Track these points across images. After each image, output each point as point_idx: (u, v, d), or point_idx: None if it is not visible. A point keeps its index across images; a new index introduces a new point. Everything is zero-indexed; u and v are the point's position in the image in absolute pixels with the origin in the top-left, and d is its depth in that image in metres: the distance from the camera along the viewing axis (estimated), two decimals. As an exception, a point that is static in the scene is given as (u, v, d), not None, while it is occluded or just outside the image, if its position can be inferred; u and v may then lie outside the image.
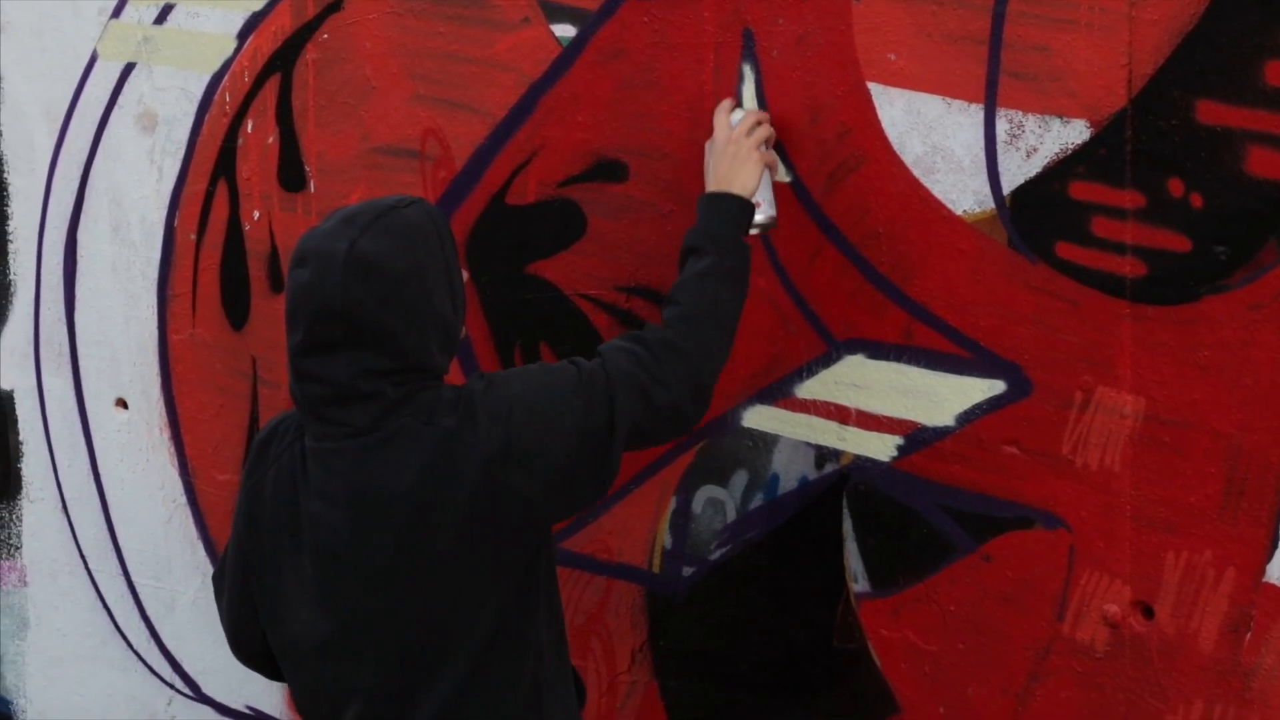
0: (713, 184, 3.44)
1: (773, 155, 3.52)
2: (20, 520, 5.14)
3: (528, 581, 3.11)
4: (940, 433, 3.49)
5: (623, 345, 3.22)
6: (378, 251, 3.02)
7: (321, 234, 3.08)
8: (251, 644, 3.36)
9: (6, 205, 4.97)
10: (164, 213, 4.63)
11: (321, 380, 3.05)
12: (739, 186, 3.40)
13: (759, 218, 3.43)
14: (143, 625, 4.95)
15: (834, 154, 3.52)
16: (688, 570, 3.88)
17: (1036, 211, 3.31)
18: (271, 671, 3.37)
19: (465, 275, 3.21)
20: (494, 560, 3.06)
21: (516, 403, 3.06)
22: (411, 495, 3.02)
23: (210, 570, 4.71)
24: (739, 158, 3.42)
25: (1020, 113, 3.30)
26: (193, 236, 4.59)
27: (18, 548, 5.16)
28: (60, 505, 5.04)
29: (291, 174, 4.36)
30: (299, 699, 3.29)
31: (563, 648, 3.24)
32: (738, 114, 3.53)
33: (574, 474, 3.10)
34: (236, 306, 4.54)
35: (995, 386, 3.41)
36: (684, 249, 3.38)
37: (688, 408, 3.24)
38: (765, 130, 3.50)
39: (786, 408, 3.68)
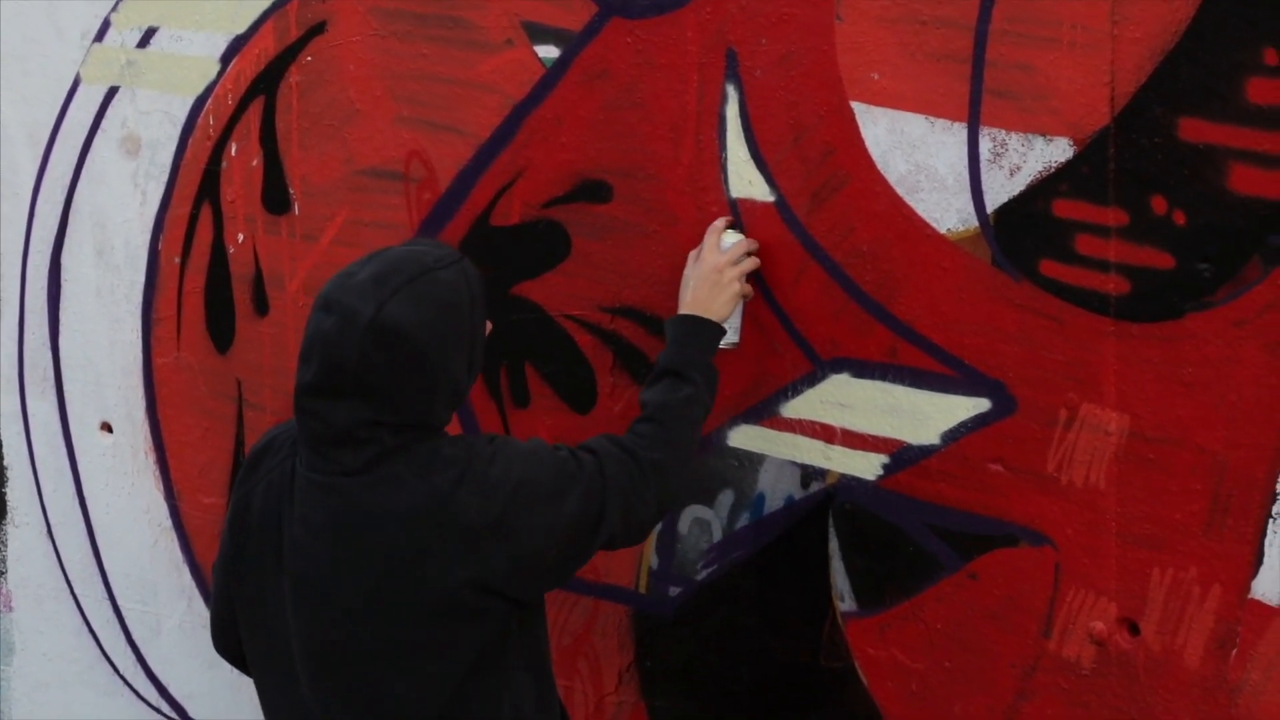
0: (690, 305, 3.50)
1: (748, 287, 3.58)
2: (5, 545, 5.12)
3: (503, 639, 3.10)
4: (926, 451, 3.49)
5: (618, 454, 3.22)
6: (404, 319, 2.99)
7: (353, 287, 3.03)
8: (231, 645, 3.39)
9: (-10, 229, 4.97)
10: (148, 236, 4.62)
11: (323, 420, 3.04)
12: (714, 314, 3.49)
13: (723, 343, 3.51)
14: (129, 649, 4.93)
15: (818, 173, 3.53)
16: (674, 590, 3.88)
17: (1020, 229, 3.32)
18: (249, 671, 3.39)
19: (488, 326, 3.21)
20: (464, 618, 3.04)
21: (520, 485, 3.05)
22: (391, 544, 3.02)
23: (196, 594, 4.71)
24: (720, 285, 3.50)
25: (1003, 131, 3.31)
26: (177, 260, 4.58)
27: (3, 572, 5.15)
28: (45, 530, 5.03)
29: (276, 197, 4.36)
30: (265, 714, 3.30)
31: (547, 694, 3.24)
32: (729, 237, 3.56)
33: (550, 565, 3.11)
34: (221, 330, 4.53)
35: (980, 404, 3.41)
36: (661, 368, 3.42)
37: (651, 525, 3.29)
38: (751, 263, 3.56)
39: (772, 427, 3.69)
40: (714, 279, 3.50)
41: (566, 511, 3.09)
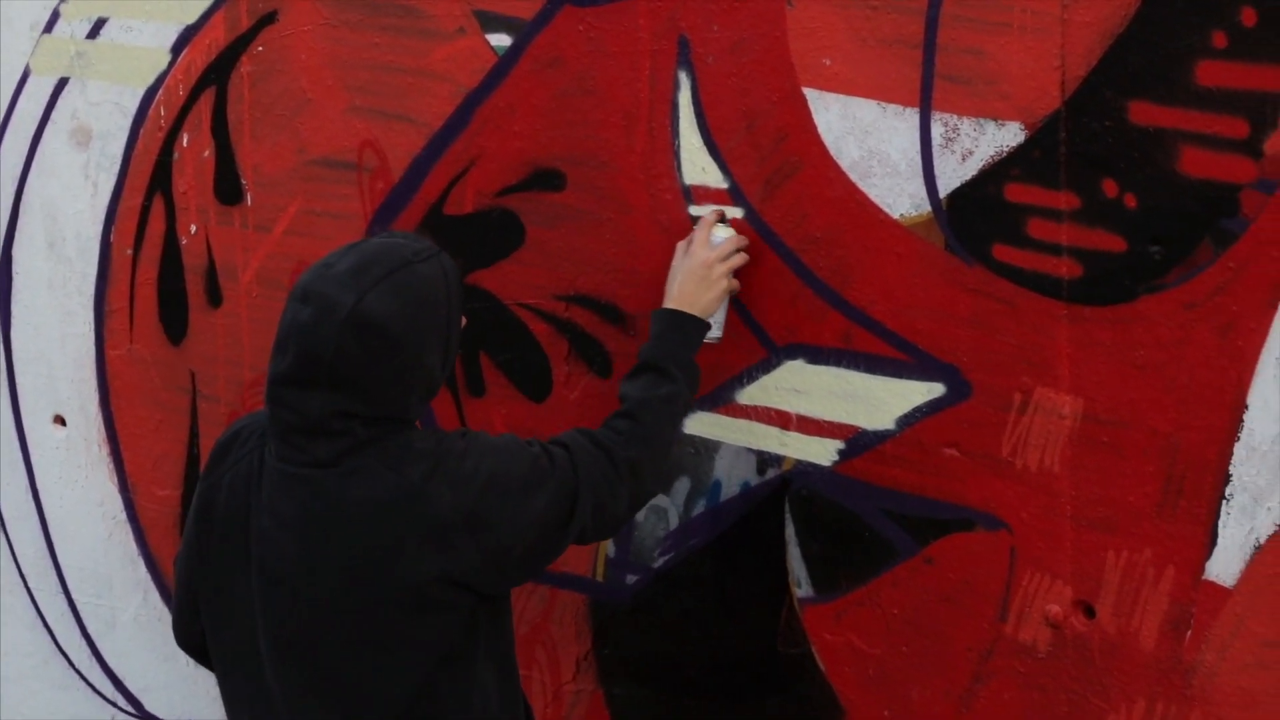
0: (676, 299, 3.48)
1: (736, 283, 3.56)
2: (-42, 540, 5.10)
3: (470, 632, 3.10)
4: (881, 436, 3.50)
5: (592, 450, 3.22)
6: (382, 312, 2.98)
7: (332, 279, 3.02)
8: (193, 636, 3.36)
9: (-60, 222, 4.94)
10: (100, 228, 4.60)
11: (296, 410, 3.03)
12: (700, 309, 3.47)
13: (707, 337, 3.50)
14: (84, 643, 4.92)
15: (770, 159, 3.53)
16: (631, 578, 3.88)
17: (973, 214, 3.33)
18: (210, 665, 3.37)
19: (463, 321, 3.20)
20: (432, 610, 3.04)
21: (492, 479, 3.05)
22: (361, 537, 3.01)
23: (151, 587, 4.69)
24: (708, 282, 3.48)
25: (955, 116, 3.32)
26: (129, 251, 4.56)
27: (-44, 567, 5.13)
28: (-1, 524, 5.02)
29: (228, 187, 4.34)
30: (226, 706, 3.29)
31: (512, 688, 3.24)
32: (720, 232, 3.54)
33: (520, 559, 3.10)
34: (174, 321, 4.52)
35: (935, 389, 3.42)
36: (644, 362, 3.41)
37: (623, 521, 3.31)
38: (739, 260, 3.54)
39: (728, 414, 3.69)
40: (702, 274, 3.49)
41: (537, 506, 3.08)
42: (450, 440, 3.09)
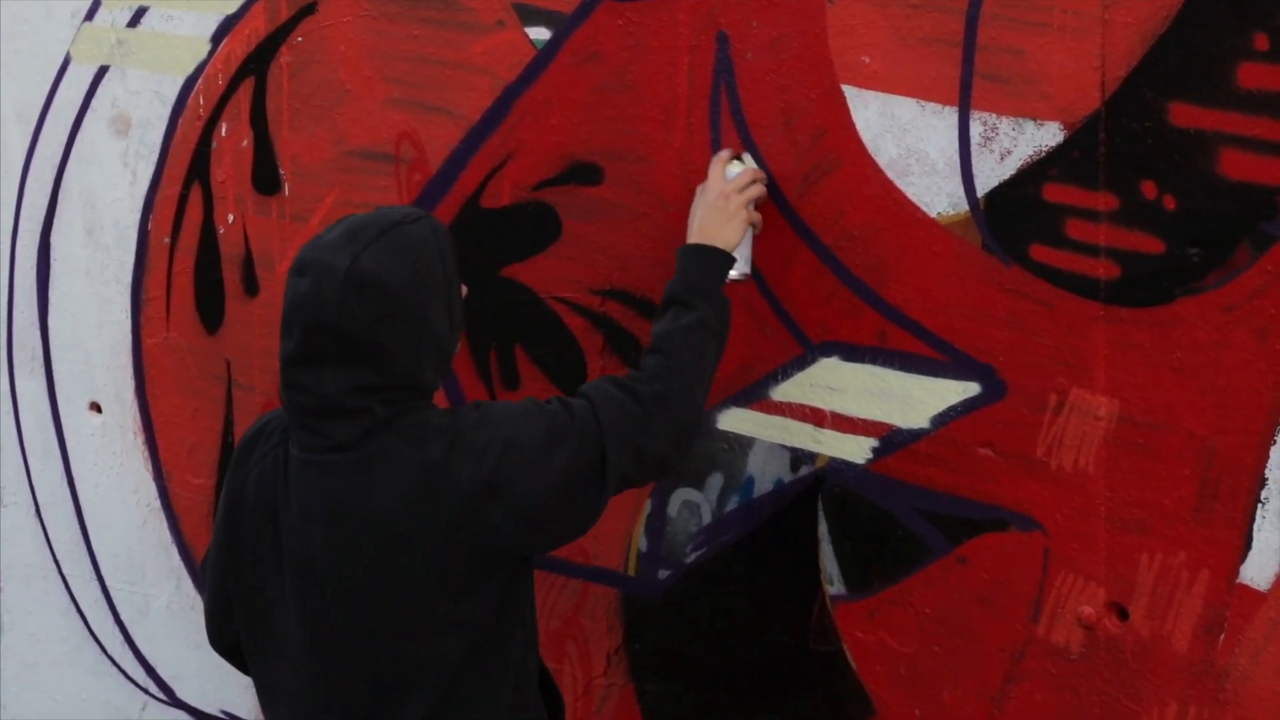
0: (696, 234, 3.46)
1: (758, 215, 3.53)
2: (-6, 525, 5.13)
3: (502, 610, 3.10)
4: (915, 435, 3.49)
5: (614, 393, 3.20)
6: (379, 268, 2.99)
7: (324, 245, 3.04)
8: (227, 638, 3.36)
9: (-21, 209, 4.96)
10: (138, 216, 4.62)
11: (310, 391, 3.03)
12: (722, 241, 3.43)
13: (733, 273, 3.46)
14: (116, 630, 4.93)
15: (808, 157, 3.53)
16: (663, 573, 3.88)
17: (1010, 214, 3.32)
18: (246, 667, 3.37)
19: (464, 290, 3.20)
20: (467, 591, 3.05)
21: (508, 445, 3.04)
22: (390, 520, 3.01)
23: (184, 575, 4.70)
24: (727, 212, 3.45)
25: (994, 115, 3.31)
26: (166, 240, 4.57)
27: (-9, 552, 5.15)
28: (34, 510, 5.03)
29: (266, 177, 4.35)
30: (263, 702, 3.29)
31: (536, 669, 3.24)
32: (734, 167, 3.53)
33: (555, 517, 3.10)
34: (211, 310, 4.53)
35: (970, 389, 3.41)
36: (667, 298, 3.38)
37: (673, 457, 3.25)
38: (757, 190, 3.52)
39: (762, 410, 3.69)
40: (720, 206, 3.46)
41: (560, 462, 3.07)
42: (464, 414, 3.09)
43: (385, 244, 3.02)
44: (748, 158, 3.57)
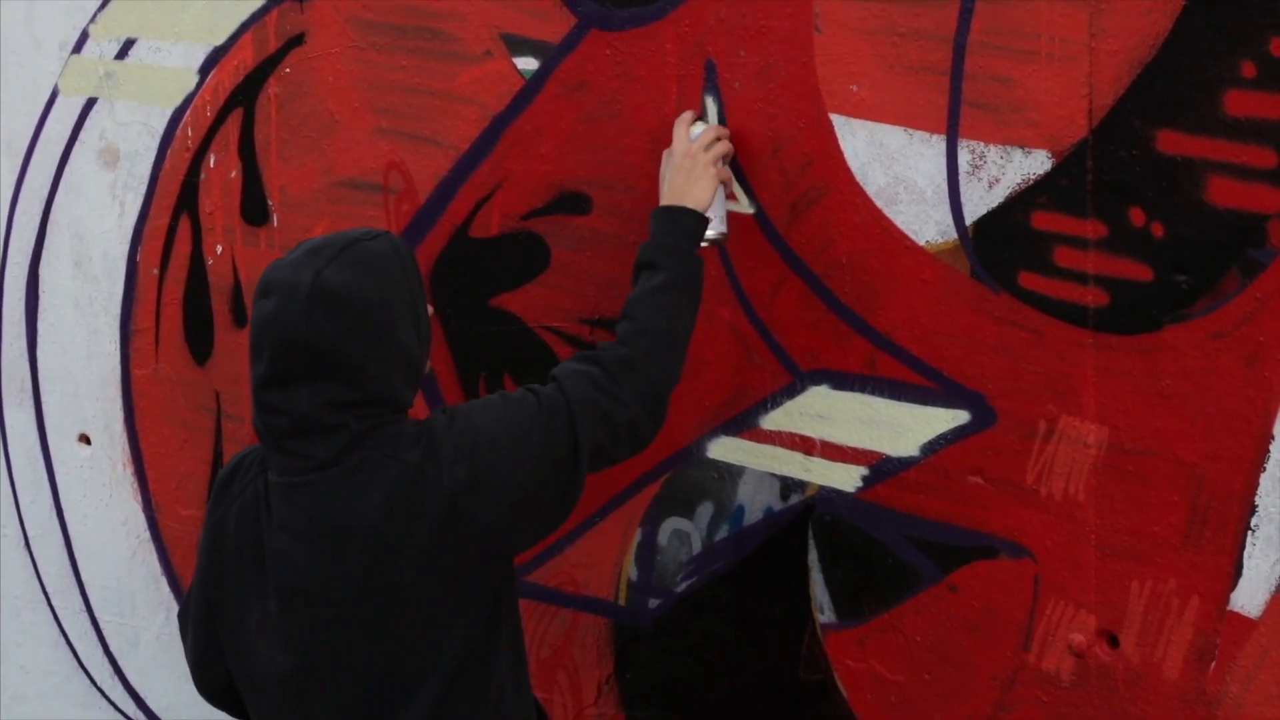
0: (667, 196, 3.45)
1: (727, 171, 3.53)
2: (-18, 557, 5.11)
3: (491, 617, 3.10)
4: (905, 463, 3.49)
5: (578, 368, 3.22)
6: (342, 282, 3.00)
7: (286, 265, 3.06)
8: (216, 681, 3.33)
9: (-32, 240, 4.96)
10: (126, 248, 4.62)
11: (284, 411, 3.03)
12: (693, 201, 3.41)
13: (710, 233, 3.44)
14: (106, 662, 4.92)
15: (797, 185, 3.53)
16: (654, 602, 3.88)
17: (999, 242, 3.32)
18: (237, 709, 3.35)
19: (430, 309, 3.20)
20: (457, 595, 3.05)
21: (480, 435, 3.05)
22: (375, 530, 3.01)
23: (174, 606, 4.69)
24: (694, 172, 3.44)
25: (982, 143, 3.31)
26: (155, 271, 4.57)
27: (-20, 585, 5.14)
28: (23, 541, 5.02)
29: (254, 208, 4.35)
30: None
31: (524, 681, 3.23)
32: (698, 127, 3.53)
33: (538, 501, 3.10)
34: (200, 341, 4.52)
35: (959, 416, 3.41)
36: (638, 263, 3.38)
37: (645, 424, 3.24)
38: (724, 146, 3.51)
39: (752, 439, 3.68)
40: (688, 165, 3.44)
41: (535, 445, 3.07)
42: (434, 418, 3.09)
43: (346, 259, 3.03)
44: (712, 114, 3.56)
